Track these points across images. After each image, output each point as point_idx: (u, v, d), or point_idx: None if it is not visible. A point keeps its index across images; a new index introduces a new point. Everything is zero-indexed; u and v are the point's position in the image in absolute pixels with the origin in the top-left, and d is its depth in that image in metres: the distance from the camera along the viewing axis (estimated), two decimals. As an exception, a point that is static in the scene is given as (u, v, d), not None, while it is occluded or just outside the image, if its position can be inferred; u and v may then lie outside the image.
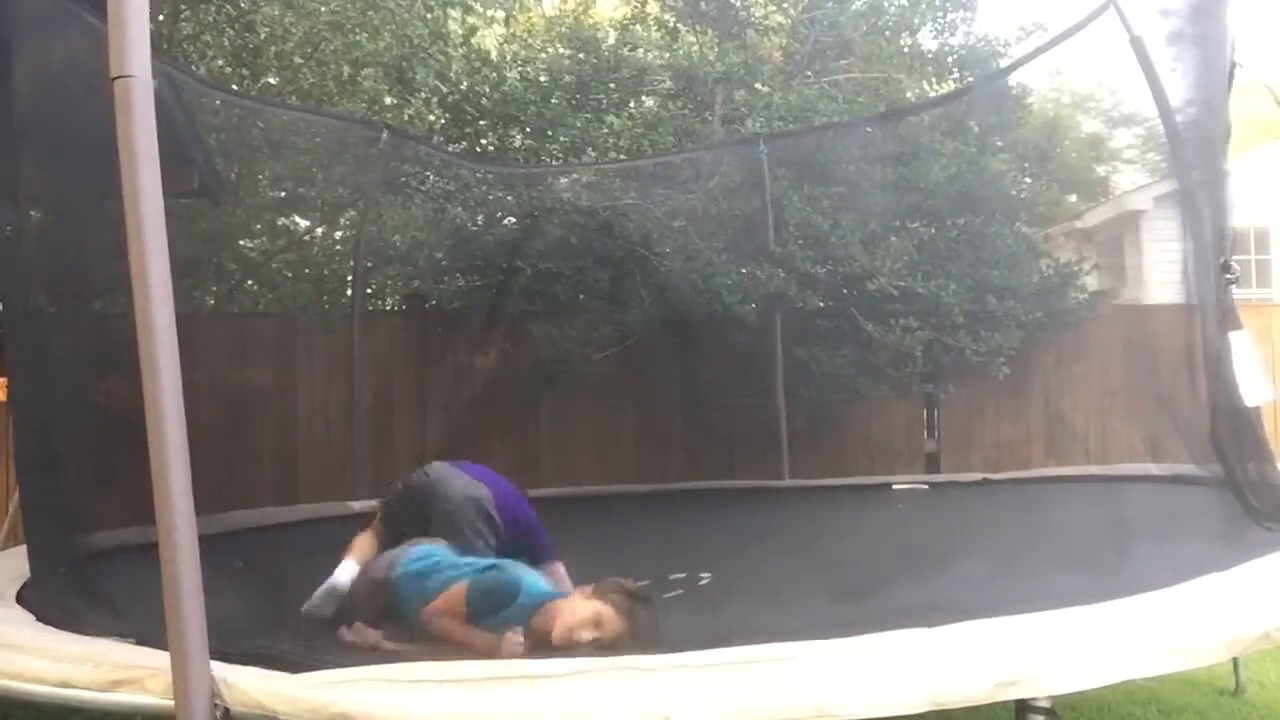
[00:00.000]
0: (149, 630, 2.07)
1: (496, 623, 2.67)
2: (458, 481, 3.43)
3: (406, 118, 8.59)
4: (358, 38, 8.24)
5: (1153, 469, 5.11)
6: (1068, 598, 2.26)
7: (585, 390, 7.69)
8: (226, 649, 1.95)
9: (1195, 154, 3.84)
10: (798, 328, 7.46)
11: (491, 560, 2.99)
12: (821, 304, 7.52)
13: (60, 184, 3.53)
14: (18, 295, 3.23)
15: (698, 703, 1.80)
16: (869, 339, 7.32)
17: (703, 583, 3.57)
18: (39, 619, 2.59)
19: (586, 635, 2.51)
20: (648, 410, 7.87)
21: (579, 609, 2.59)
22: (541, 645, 2.56)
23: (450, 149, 8.82)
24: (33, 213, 3.51)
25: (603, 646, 2.48)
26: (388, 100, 8.89)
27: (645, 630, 2.56)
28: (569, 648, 2.48)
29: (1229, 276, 3.34)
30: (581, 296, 8.07)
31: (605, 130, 8.21)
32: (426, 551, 3.03)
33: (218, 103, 7.14)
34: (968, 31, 8.79)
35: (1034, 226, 8.85)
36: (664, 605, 3.39)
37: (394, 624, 2.87)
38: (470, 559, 3.04)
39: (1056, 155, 12.65)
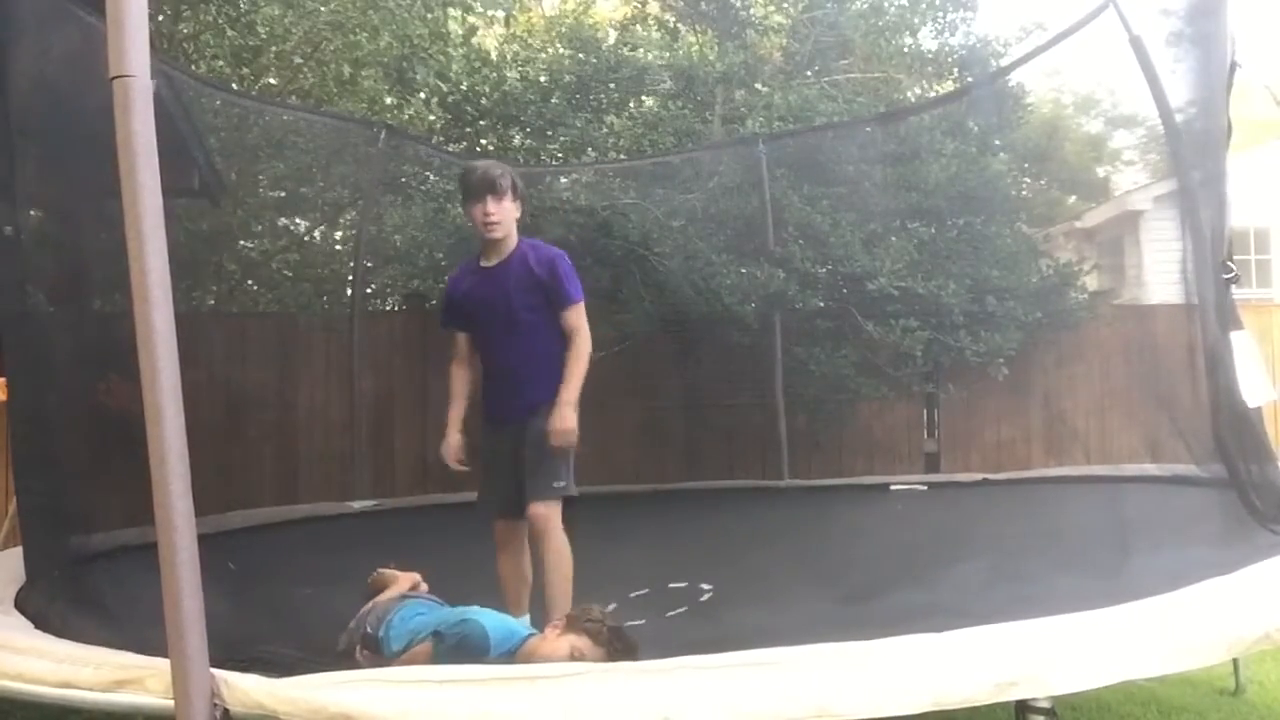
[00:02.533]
0: (148, 632, 2.07)
1: None
2: None
3: (406, 118, 8.60)
4: (358, 38, 8.23)
5: (1153, 469, 5.12)
6: (1068, 599, 2.26)
7: (585, 390, 7.66)
8: (226, 654, 1.94)
9: (1195, 153, 3.84)
10: (798, 328, 7.45)
11: (460, 615, 2.87)
12: (821, 304, 7.51)
13: (60, 184, 3.53)
14: (17, 295, 3.22)
15: (697, 703, 1.80)
16: (869, 339, 7.31)
17: (704, 599, 3.56)
18: (36, 624, 2.58)
19: None
20: (648, 410, 7.86)
21: (556, 648, 2.60)
22: None
23: (450, 149, 8.81)
24: (33, 213, 3.50)
25: None
26: (388, 100, 8.89)
27: (623, 655, 2.57)
28: None
29: (1227, 276, 3.34)
30: (581, 296, 8.05)
31: (605, 130, 8.21)
32: (407, 616, 2.98)
33: (218, 103, 7.13)
34: (968, 31, 8.82)
35: (1034, 226, 8.86)
36: (664, 622, 3.40)
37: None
38: (445, 612, 2.98)
39: (1056, 155, 12.64)
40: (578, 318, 3.43)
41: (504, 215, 3.39)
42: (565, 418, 3.32)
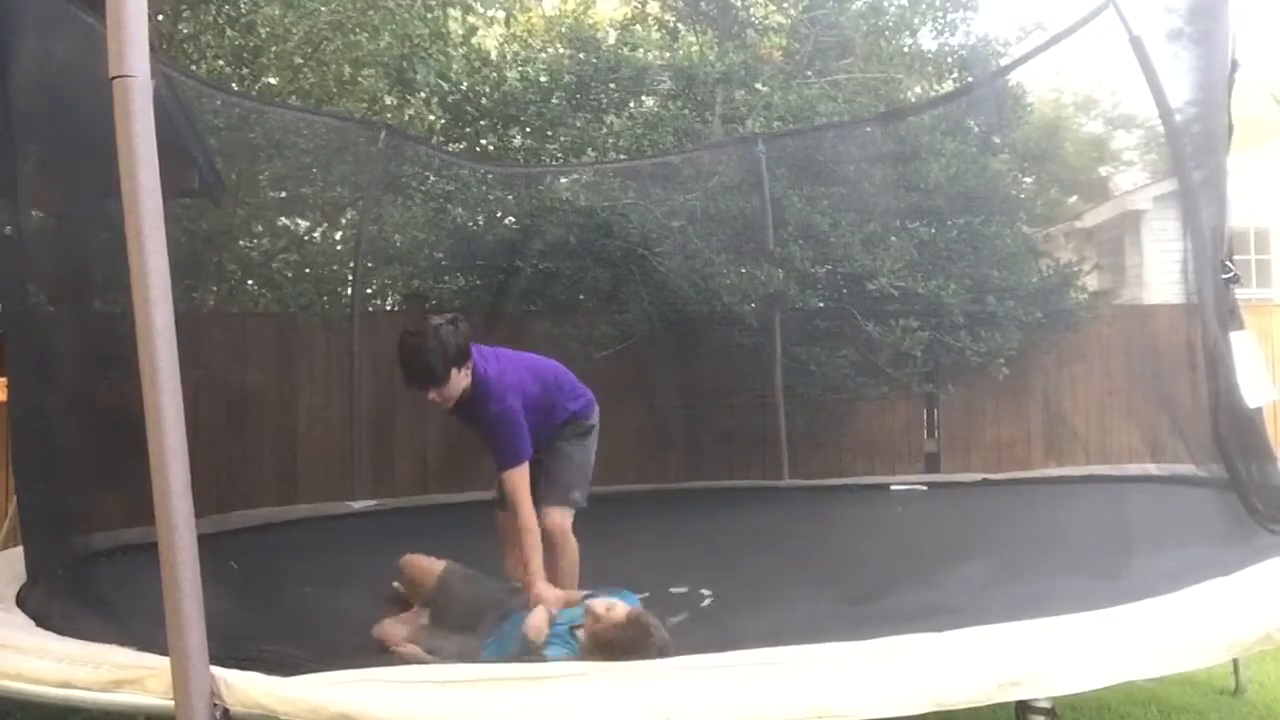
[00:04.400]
0: (148, 632, 2.07)
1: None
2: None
3: (406, 118, 8.59)
4: (358, 38, 8.24)
5: (1153, 469, 5.11)
6: (1069, 599, 2.26)
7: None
8: (226, 653, 1.94)
9: (1195, 153, 3.84)
10: (798, 328, 7.46)
11: None
12: (821, 304, 7.52)
13: (60, 184, 3.53)
14: (18, 295, 3.22)
15: (698, 703, 1.80)
16: (869, 339, 7.32)
17: (705, 604, 3.56)
18: (37, 623, 2.58)
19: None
20: (648, 410, 7.85)
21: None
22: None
23: (450, 149, 8.81)
24: (33, 213, 3.50)
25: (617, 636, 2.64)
26: (388, 100, 8.89)
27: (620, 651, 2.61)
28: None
29: (1226, 276, 3.34)
30: (581, 296, 8.07)
31: (605, 130, 8.21)
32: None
33: (218, 103, 7.13)
34: (968, 31, 8.81)
35: (1034, 226, 8.86)
36: (666, 626, 3.41)
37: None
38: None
39: (1056, 155, 12.64)
40: (511, 483, 3.07)
41: (450, 393, 3.20)
42: (539, 597, 2.95)
